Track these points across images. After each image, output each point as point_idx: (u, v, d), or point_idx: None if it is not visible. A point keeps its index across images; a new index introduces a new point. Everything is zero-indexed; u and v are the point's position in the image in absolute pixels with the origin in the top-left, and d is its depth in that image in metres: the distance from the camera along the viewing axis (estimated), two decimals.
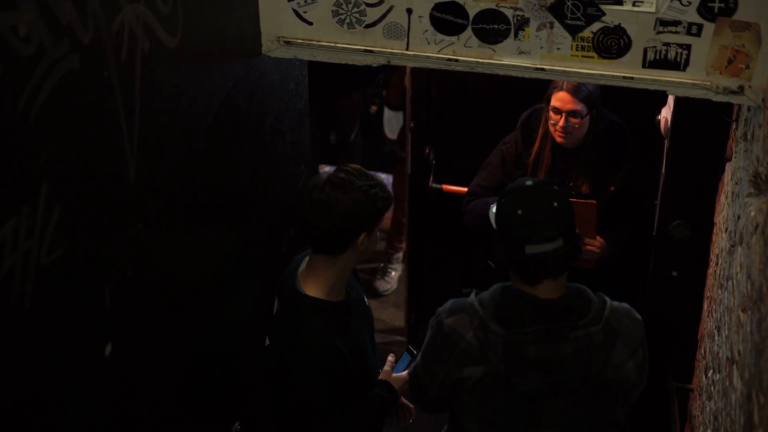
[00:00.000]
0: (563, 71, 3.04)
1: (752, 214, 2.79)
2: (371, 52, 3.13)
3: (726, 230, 3.42)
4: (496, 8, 2.97)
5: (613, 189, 4.39)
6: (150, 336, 2.53)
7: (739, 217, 3.08)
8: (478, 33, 3.02)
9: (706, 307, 3.96)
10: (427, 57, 3.11)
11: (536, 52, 3.02)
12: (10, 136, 1.77)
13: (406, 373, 3.38)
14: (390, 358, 3.45)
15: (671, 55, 2.95)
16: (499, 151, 4.53)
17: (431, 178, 5.31)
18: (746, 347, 2.60)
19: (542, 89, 4.27)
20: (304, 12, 3.11)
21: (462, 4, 2.99)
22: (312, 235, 3.09)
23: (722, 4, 2.83)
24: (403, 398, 3.49)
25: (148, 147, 2.35)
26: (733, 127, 3.53)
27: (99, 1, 2.05)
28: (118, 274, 2.27)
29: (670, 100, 4.17)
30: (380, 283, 6.18)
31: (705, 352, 3.79)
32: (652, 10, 2.88)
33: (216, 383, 3.15)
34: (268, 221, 3.59)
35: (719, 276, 3.50)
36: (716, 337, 3.39)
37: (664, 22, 2.90)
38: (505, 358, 2.89)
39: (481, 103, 5.17)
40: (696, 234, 4.05)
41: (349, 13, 3.08)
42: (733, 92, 2.97)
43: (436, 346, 3.01)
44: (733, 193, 3.35)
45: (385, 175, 7.15)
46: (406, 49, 3.11)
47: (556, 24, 2.96)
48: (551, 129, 4.29)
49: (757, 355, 2.38)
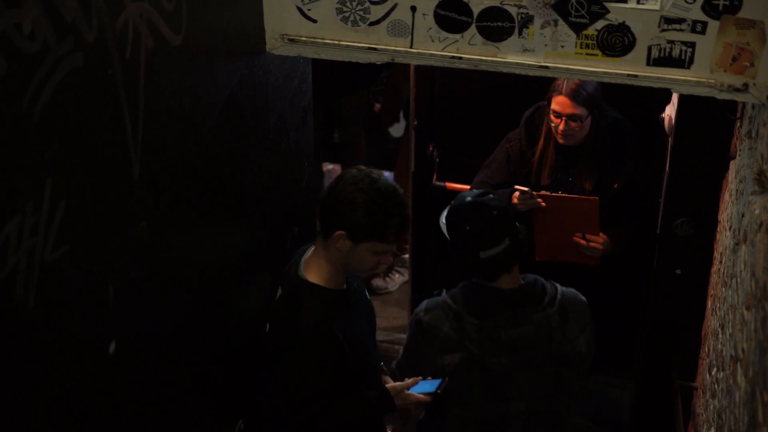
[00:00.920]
0: (567, 69, 3.04)
1: (756, 212, 2.78)
2: (375, 49, 3.13)
3: (730, 228, 3.42)
4: (500, 6, 2.97)
5: (616, 186, 4.39)
6: (154, 334, 2.53)
7: (743, 215, 3.08)
8: (482, 31, 3.02)
9: (709, 305, 3.96)
10: (431, 54, 3.11)
11: (540, 50, 3.02)
12: (15, 134, 1.77)
13: (423, 396, 3.38)
14: (418, 378, 3.45)
15: (675, 53, 2.94)
16: (503, 149, 4.53)
17: (434, 176, 5.32)
18: (750, 345, 2.60)
19: (545, 87, 4.27)
20: (308, 10, 3.11)
21: (466, 2, 2.99)
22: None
23: (727, 2, 2.82)
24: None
25: (152, 144, 2.36)
26: (738, 124, 3.53)
27: None
28: (122, 272, 2.27)
29: (674, 97, 4.17)
30: (377, 281, 6.16)
31: (709, 350, 3.79)
32: (657, 7, 2.87)
33: (220, 381, 3.15)
34: (272, 219, 3.59)
35: (723, 274, 3.49)
36: (720, 335, 3.39)
37: (668, 20, 2.89)
38: (480, 344, 3.40)
39: (484, 101, 5.17)
40: (700, 232, 4.04)
41: (353, 11, 3.08)
42: (737, 90, 2.97)
43: (417, 341, 3.52)
44: (737, 191, 3.35)
45: (388, 172, 7.16)
46: (410, 47, 3.11)
47: (561, 22, 2.95)
48: (552, 130, 4.30)
49: (761, 353, 2.38)
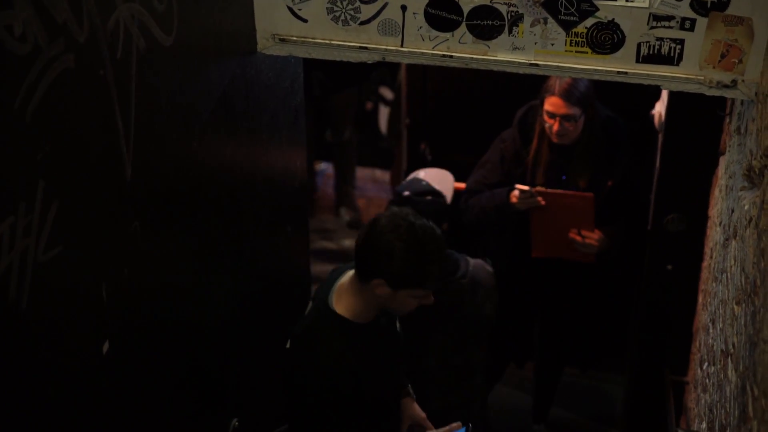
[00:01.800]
0: (558, 66, 3.05)
1: (746, 207, 2.80)
2: (366, 49, 3.14)
3: (720, 224, 3.44)
4: (491, 4, 2.98)
5: (610, 184, 4.40)
6: (147, 334, 2.53)
7: (733, 211, 3.10)
8: (472, 29, 3.03)
9: (700, 300, 3.98)
10: (422, 53, 3.12)
11: (530, 48, 3.03)
12: (7, 135, 1.78)
13: None
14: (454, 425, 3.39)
15: (665, 50, 2.96)
16: (497, 149, 4.54)
17: None
18: (740, 340, 2.61)
19: (537, 85, 4.28)
20: (299, 9, 3.12)
21: (456, 1, 3.00)
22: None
23: None
24: None
25: (144, 145, 2.36)
26: (727, 121, 3.55)
27: (94, 0, 2.06)
28: (115, 272, 2.28)
29: (664, 94, 4.19)
30: None
31: (700, 344, 3.80)
32: (646, 5, 2.89)
33: (214, 380, 3.16)
34: (265, 218, 3.60)
35: (714, 269, 3.51)
36: (711, 330, 3.41)
37: (657, 17, 2.91)
38: None
39: (476, 99, 5.19)
40: (690, 228, 4.06)
41: (344, 11, 3.09)
42: (726, 86, 2.98)
43: None
44: (727, 186, 3.36)
45: (381, 171, 7.17)
46: (401, 46, 3.12)
47: (550, 20, 2.97)
48: (546, 130, 4.31)
49: (751, 347, 2.39)
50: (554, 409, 5.38)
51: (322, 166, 7.47)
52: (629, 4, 2.90)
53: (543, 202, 4.33)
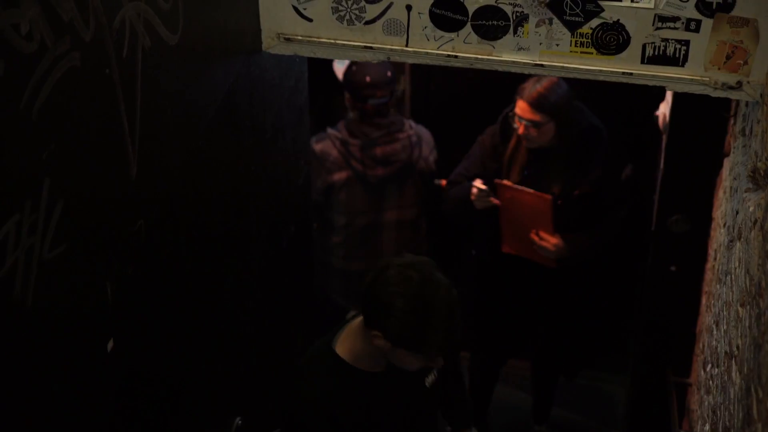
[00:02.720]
0: (562, 67, 3.05)
1: (751, 209, 2.80)
2: (371, 48, 3.14)
3: (724, 225, 3.44)
4: (496, 4, 2.98)
5: (577, 193, 4.39)
6: (152, 332, 2.54)
7: (737, 213, 3.09)
8: (477, 29, 3.03)
9: (704, 302, 3.98)
10: (427, 53, 3.12)
11: (535, 48, 3.03)
12: (13, 133, 1.78)
13: None
14: None
15: (670, 51, 2.95)
16: (479, 142, 4.58)
17: None
18: (745, 342, 2.61)
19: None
20: (304, 9, 3.12)
21: (461, 1, 2.99)
22: None
23: (720, 0, 2.84)
24: None
25: (149, 144, 2.36)
26: (732, 122, 3.54)
27: None
28: (120, 271, 2.28)
29: (668, 95, 4.18)
30: None
31: (703, 346, 3.80)
32: (651, 6, 2.89)
33: (217, 379, 3.16)
34: (269, 218, 3.60)
35: (718, 271, 3.51)
36: (715, 332, 3.40)
37: (662, 18, 2.91)
38: (362, 161, 4.60)
39: (480, 99, 5.18)
40: (694, 229, 4.06)
41: (349, 10, 3.09)
42: (731, 88, 2.98)
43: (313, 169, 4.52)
44: (731, 188, 3.36)
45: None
46: (406, 46, 3.12)
47: (555, 20, 2.97)
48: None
49: (755, 349, 2.39)
50: (555, 410, 5.38)
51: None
52: (634, 5, 2.90)
53: (497, 203, 4.36)
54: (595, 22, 2.96)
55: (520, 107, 4.23)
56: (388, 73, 4.75)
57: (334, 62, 5.10)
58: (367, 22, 3.11)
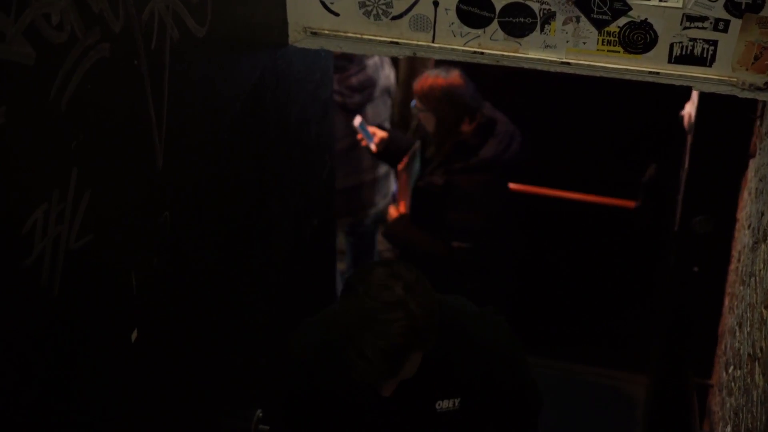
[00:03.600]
0: (589, 65, 3.04)
1: None
2: (397, 43, 3.13)
3: (749, 227, 3.42)
4: (523, 2, 2.97)
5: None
6: (175, 323, 2.55)
7: (762, 214, 3.08)
8: (504, 26, 3.03)
9: (727, 303, 3.96)
10: (453, 49, 3.11)
11: (562, 46, 3.02)
12: (43, 123, 1.79)
13: None
14: None
15: (697, 51, 2.94)
16: None
17: None
18: None
19: (566, 82, 4.26)
20: (331, 3, 3.13)
21: None
22: None
23: (750, 0, 2.82)
24: None
25: (175, 135, 2.37)
26: (758, 123, 3.53)
27: None
28: (145, 261, 2.30)
29: (694, 95, 4.17)
30: None
31: (726, 348, 3.79)
32: (679, 5, 2.87)
33: (239, 371, 3.18)
34: (292, 211, 3.61)
35: (741, 272, 3.50)
36: (737, 334, 3.39)
37: (690, 18, 2.89)
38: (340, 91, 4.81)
39: (503, 94, 5.18)
40: (718, 230, 4.05)
41: (376, 5, 3.09)
42: (759, 89, 2.97)
43: None
44: (756, 189, 3.35)
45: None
46: (432, 42, 3.12)
47: (583, 18, 2.96)
48: None
49: None
50: (574, 410, 5.37)
51: None
52: (663, 4, 2.88)
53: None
54: (622, 21, 2.94)
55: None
56: None
57: None
58: (394, 18, 3.11)
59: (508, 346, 2.93)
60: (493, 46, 3.08)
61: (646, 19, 2.92)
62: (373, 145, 5.03)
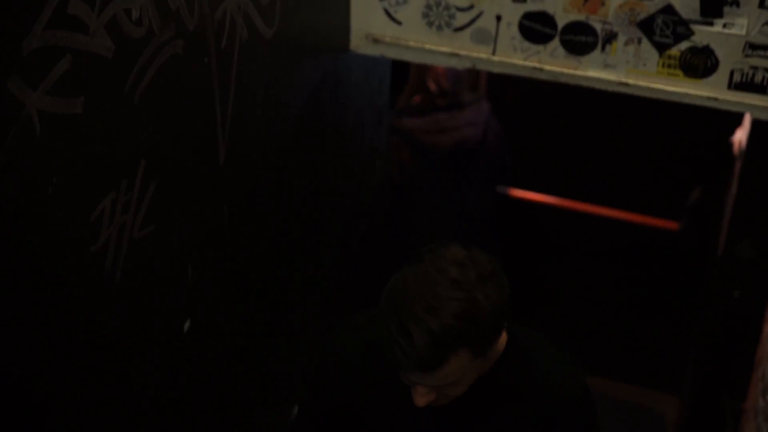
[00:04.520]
0: (648, 87, 3.05)
1: None
2: (457, 55, 3.16)
3: None
4: (585, 21, 2.99)
5: None
6: (225, 315, 2.59)
7: None
8: (565, 44, 3.05)
9: (766, 330, 3.96)
10: (513, 64, 3.13)
11: (622, 67, 3.04)
12: (116, 114, 1.84)
13: None
14: None
15: (758, 79, 2.94)
16: None
17: None
18: None
19: (617, 105, 4.27)
20: (395, 12, 3.16)
21: (552, 15, 3.01)
22: None
23: None
24: None
25: (238, 133, 2.42)
26: None
27: None
28: (201, 254, 2.34)
29: (746, 121, 4.17)
30: None
31: (764, 374, 3.79)
32: (743, 33, 2.88)
33: (280, 367, 3.21)
34: (342, 213, 3.64)
35: None
36: None
37: (753, 46, 2.90)
38: None
39: (556, 113, 5.20)
40: (761, 256, 4.04)
41: (439, 16, 3.12)
42: None
43: None
44: None
45: None
46: (492, 55, 3.14)
47: (644, 40, 2.97)
48: None
49: None
50: (603, 427, 5.36)
51: None
52: (726, 31, 2.89)
53: None
54: (684, 45, 2.95)
55: None
56: None
57: None
58: (456, 29, 3.13)
59: (580, 395, 2.50)
60: (553, 62, 3.10)
61: (708, 45, 2.93)
62: None
